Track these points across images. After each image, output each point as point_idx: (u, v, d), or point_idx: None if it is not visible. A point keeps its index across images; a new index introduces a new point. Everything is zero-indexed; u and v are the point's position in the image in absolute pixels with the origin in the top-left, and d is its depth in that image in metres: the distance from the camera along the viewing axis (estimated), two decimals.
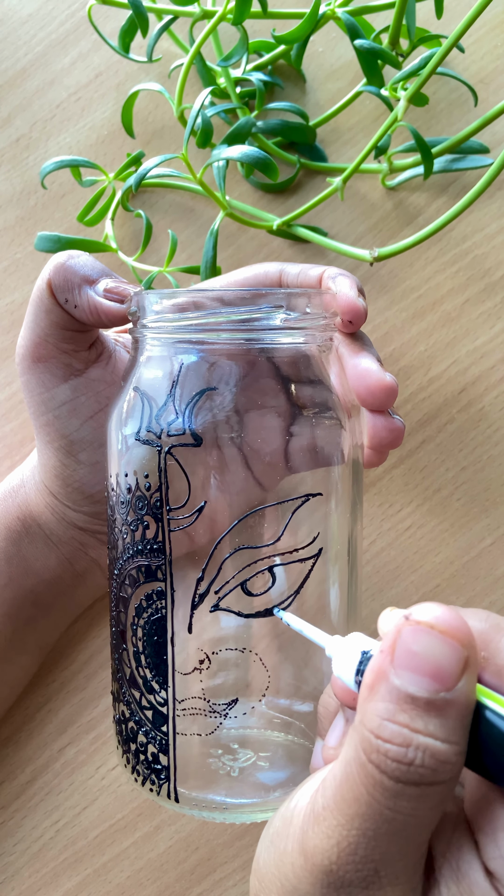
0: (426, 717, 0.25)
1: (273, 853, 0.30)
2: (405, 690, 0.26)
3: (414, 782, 0.25)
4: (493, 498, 0.55)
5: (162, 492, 0.37)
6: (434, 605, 0.27)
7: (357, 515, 0.41)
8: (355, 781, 0.26)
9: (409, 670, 0.26)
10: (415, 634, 0.26)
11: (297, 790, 0.31)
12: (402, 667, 0.26)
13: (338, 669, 0.31)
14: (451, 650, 0.26)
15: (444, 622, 0.26)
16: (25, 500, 0.49)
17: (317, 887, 0.28)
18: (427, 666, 0.26)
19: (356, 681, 0.30)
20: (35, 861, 0.54)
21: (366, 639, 0.31)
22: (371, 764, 0.26)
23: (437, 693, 0.25)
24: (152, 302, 0.38)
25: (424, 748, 0.25)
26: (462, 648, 0.26)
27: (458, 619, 0.26)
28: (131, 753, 0.39)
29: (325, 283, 0.43)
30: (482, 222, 0.55)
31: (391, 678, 0.26)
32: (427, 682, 0.25)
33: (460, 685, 0.25)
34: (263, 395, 0.39)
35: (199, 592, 0.37)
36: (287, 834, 0.30)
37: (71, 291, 0.43)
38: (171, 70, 0.57)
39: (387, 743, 0.25)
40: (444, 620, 0.26)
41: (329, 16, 0.51)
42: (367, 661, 0.30)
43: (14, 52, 0.58)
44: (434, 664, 0.26)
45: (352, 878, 0.27)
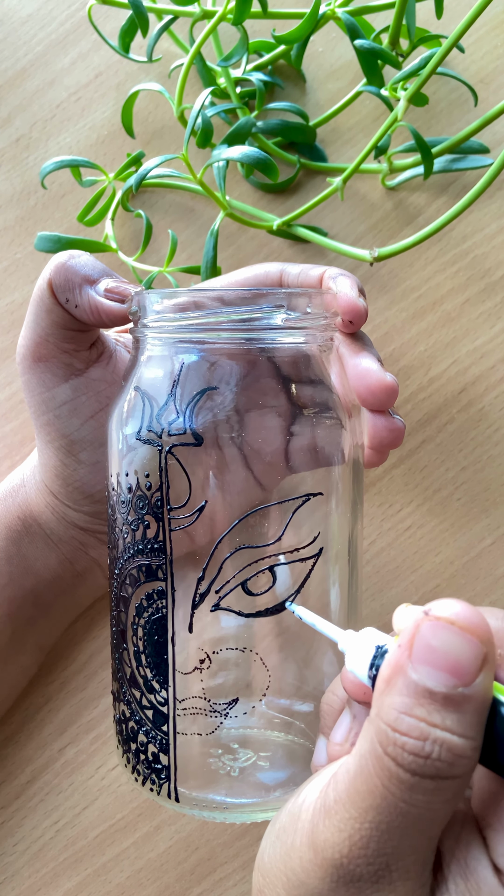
0: (444, 711, 0.26)
1: (279, 848, 0.30)
2: (423, 685, 0.26)
3: (430, 775, 0.25)
4: (493, 498, 0.55)
5: (163, 491, 0.37)
6: (453, 602, 0.27)
7: (357, 515, 0.41)
8: (370, 774, 0.26)
9: (427, 665, 0.26)
10: (434, 630, 0.26)
11: (304, 786, 0.31)
12: (420, 661, 0.26)
13: (351, 664, 0.31)
14: (470, 646, 0.26)
15: (464, 618, 0.26)
16: (26, 500, 0.49)
17: (326, 882, 0.28)
18: (446, 661, 0.26)
19: (369, 675, 0.30)
20: (35, 861, 0.54)
21: (379, 634, 0.31)
22: (387, 756, 0.26)
23: (455, 688, 0.26)
24: (153, 301, 0.38)
25: (441, 742, 0.25)
26: (481, 645, 0.26)
27: (478, 615, 0.27)
28: (131, 753, 0.39)
29: (326, 282, 0.43)
30: (482, 222, 0.55)
31: (409, 673, 0.26)
32: (445, 676, 0.26)
33: (478, 681, 0.26)
34: (264, 395, 0.39)
35: (200, 592, 0.37)
36: (295, 829, 0.30)
37: (72, 291, 0.43)
38: (171, 70, 0.57)
39: (404, 736, 0.26)
40: (464, 616, 0.26)
41: (329, 16, 0.51)
42: (382, 655, 0.30)
43: (14, 52, 0.58)
44: (453, 659, 0.26)
45: (362, 873, 0.27)
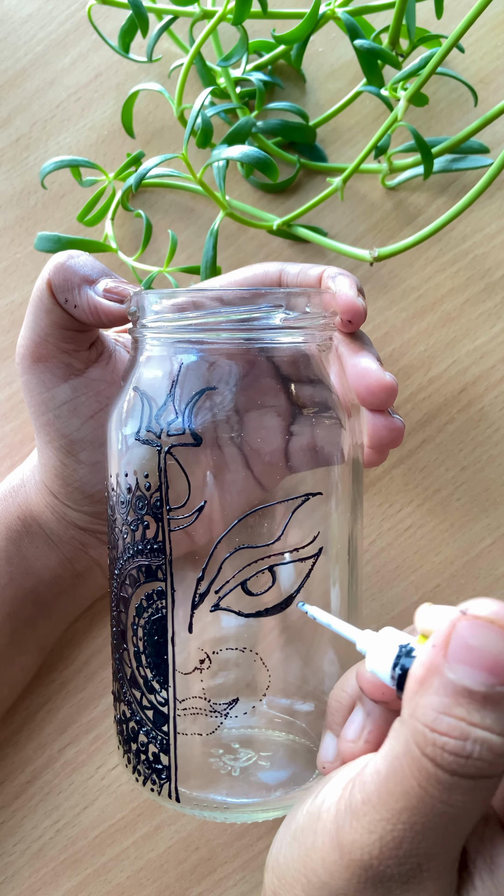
0: (483, 710, 0.26)
1: (298, 849, 0.30)
2: (461, 684, 0.26)
3: (470, 775, 0.25)
4: (493, 498, 0.55)
5: (162, 491, 0.37)
6: (490, 601, 0.27)
7: (357, 515, 0.41)
8: (405, 775, 0.26)
9: (465, 664, 0.26)
10: (472, 629, 0.26)
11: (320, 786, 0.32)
12: (457, 661, 0.26)
13: (371, 664, 0.31)
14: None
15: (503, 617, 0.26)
16: (26, 500, 0.49)
17: (352, 882, 0.28)
18: (484, 660, 0.26)
19: (392, 675, 0.30)
20: (35, 861, 0.54)
21: (399, 633, 0.31)
22: (426, 757, 0.26)
23: (494, 687, 0.25)
24: (152, 302, 0.38)
25: (482, 741, 0.25)
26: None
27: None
28: (132, 753, 0.39)
29: (325, 282, 0.43)
30: (482, 222, 0.55)
31: (445, 672, 0.26)
32: (484, 675, 0.26)
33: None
34: (263, 395, 0.39)
35: (200, 592, 0.37)
36: (315, 830, 0.30)
37: (71, 291, 0.43)
38: (171, 70, 0.57)
39: (444, 736, 0.26)
40: (502, 615, 0.26)
41: (329, 16, 0.51)
42: (406, 655, 0.30)
43: (14, 52, 0.58)
44: (492, 658, 0.26)
45: (392, 874, 0.27)
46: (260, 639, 0.40)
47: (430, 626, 0.29)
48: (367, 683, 0.32)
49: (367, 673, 0.32)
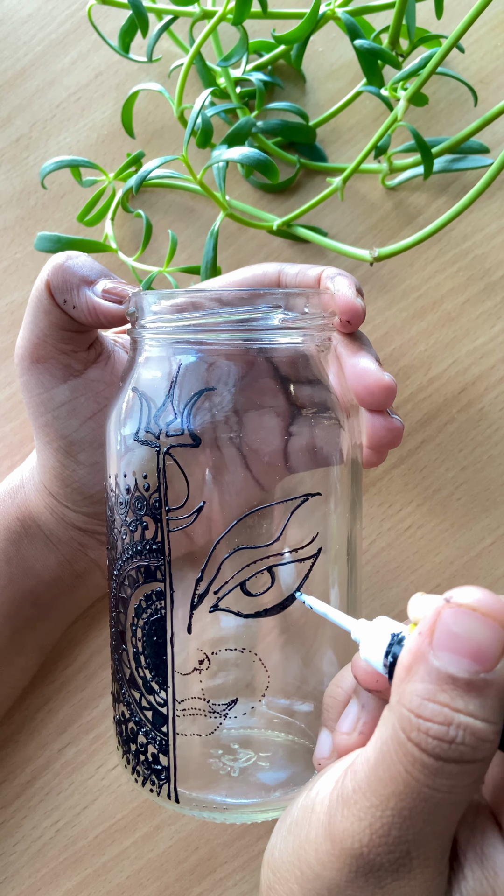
0: (466, 696, 0.26)
1: (292, 842, 0.31)
2: (445, 671, 0.26)
3: (454, 759, 0.26)
4: (493, 498, 0.55)
5: (161, 492, 0.37)
6: (474, 589, 0.27)
7: (356, 515, 0.41)
8: (392, 761, 0.27)
9: (449, 651, 0.26)
10: (456, 616, 0.27)
11: (315, 780, 0.32)
12: (441, 648, 0.27)
13: (365, 652, 0.31)
14: (492, 632, 0.26)
15: (486, 605, 0.27)
16: (25, 501, 0.49)
17: (343, 872, 0.28)
18: (468, 647, 0.26)
19: (385, 663, 0.30)
20: (35, 861, 0.54)
21: (393, 622, 0.32)
22: (411, 742, 0.26)
23: (478, 674, 0.26)
24: (150, 302, 0.38)
25: (465, 727, 0.26)
26: (503, 630, 0.26)
27: (499, 601, 0.27)
28: (131, 754, 0.39)
29: (324, 282, 0.43)
30: (482, 222, 0.55)
31: (430, 659, 0.27)
32: (468, 662, 0.26)
33: (500, 666, 0.26)
34: (262, 395, 0.39)
35: (199, 593, 0.37)
36: (309, 822, 0.30)
37: (69, 292, 0.43)
38: (171, 70, 0.57)
39: (428, 722, 0.26)
40: (485, 603, 0.27)
41: (329, 16, 0.51)
42: (398, 643, 0.30)
43: (14, 52, 0.58)
44: (475, 645, 0.26)
45: (382, 862, 0.28)
46: (259, 639, 0.40)
47: (420, 615, 0.29)
48: (361, 672, 0.32)
49: (362, 661, 0.32)
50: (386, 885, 0.28)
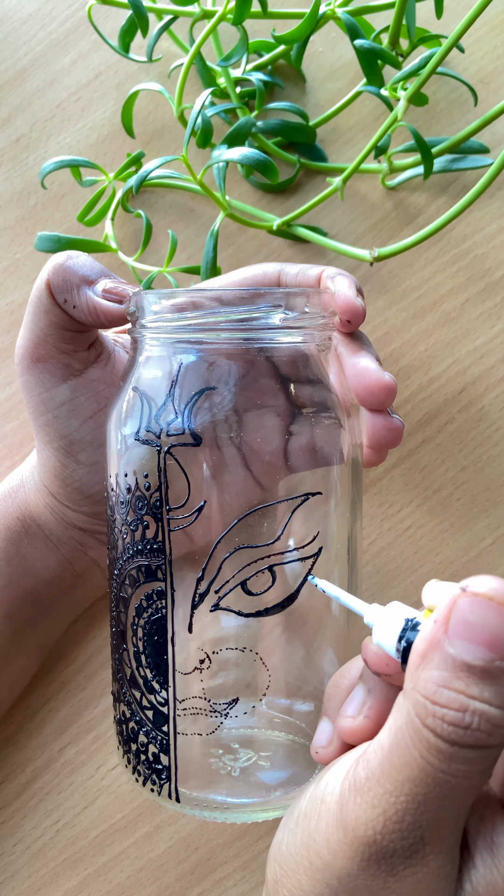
0: (482, 684, 0.26)
1: (300, 834, 0.31)
2: (461, 658, 0.27)
3: (470, 745, 0.26)
4: (493, 498, 0.55)
5: (161, 491, 0.37)
6: (490, 578, 0.27)
7: (357, 515, 0.41)
8: (408, 746, 0.27)
9: (464, 639, 0.27)
10: (472, 605, 0.27)
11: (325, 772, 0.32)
12: (457, 636, 0.27)
13: (378, 636, 0.31)
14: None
15: (502, 594, 0.27)
16: (25, 501, 0.49)
17: (355, 861, 0.29)
18: (483, 635, 0.26)
19: (398, 648, 0.30)
20: (35, 861, 0.54)
21: (406, 607, 0.32)
22: (426, 728, 0.27)
23: (493, 661, 0.26)
24: (151, 302, 0.38)
25: (481, 713, 0.26)
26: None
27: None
28: (132, 753, 0.39)
29: (324, 282, 0.43)
30: (482, 222, 0.55)
31: (446, 647, 0.27)
32: (483, 650, 0.26)
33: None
34: (262, 395, 0.39)
35: (200, 592, 0.37)
36: (319, 813, 0.30)
37: (70, 292, 0.43)
38: (171, 70, 0.57)
39: (444, 708, 0.26)
40: (502, 592, 0.27)
41: (329, 16, 0.51)
42: (413, 628, 0.30)
43: (14, 52, 0.58)
44: (490, 634, 0.26)
45: (396, 848, 0.28)
46: (260, 639, 0.40)
47: (435, 602, 0.29)
48: (372, 655, 0.32)
49: (373, 645, 0.32)
50: (398, 871, 0.28)
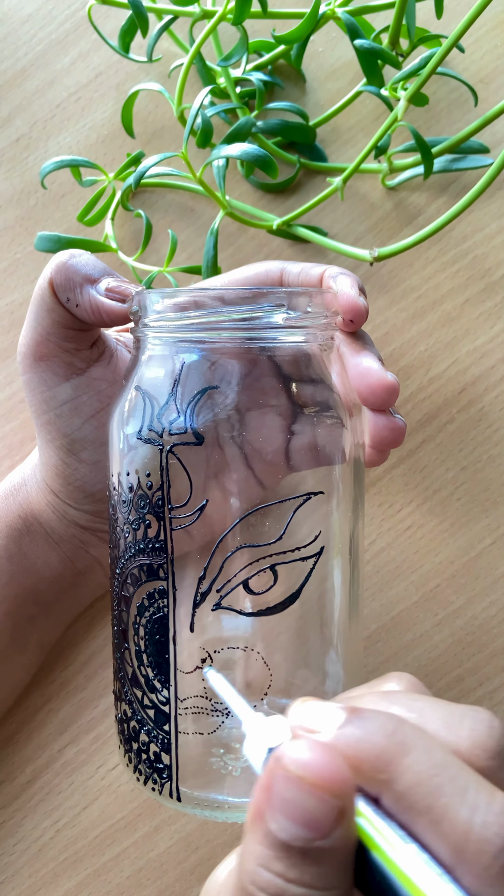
0: (302, 865, 0.24)
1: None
2: (280, 837, 0.24)
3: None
4: (493, 498, 0.55)
5: (164, 490, 0.37)
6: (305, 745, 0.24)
7: (359, 514, 0.41)
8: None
9: (283, 815, 0.24)
10: (285, 783, 0.24)
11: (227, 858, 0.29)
12: (276, 810, 0.24)
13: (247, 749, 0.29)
14: (321, 803, 0.24)
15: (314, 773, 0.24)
16: (27, 499, 0.49)
17: None
18: (300, 815, 0.24)
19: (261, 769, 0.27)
20: (35, 861, 0.54)
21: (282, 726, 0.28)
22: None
23: (312, 842, 0.23)
24: (153, 301, 0.38)
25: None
26: (333, 799, 0.24)
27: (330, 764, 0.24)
28: (133, 752, 0.39)
29: (327, 281, 0.43)
30: (482, 222, 0.56)
31: (267, 821, 0.24)
32: (301, 829, 0.23)
33: (337, 833, 0.24)
34: (265, 394, 0.39)
35: (201, 591, 0.37)
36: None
37: (72, 290, 0.43)
38: (171, 70, 0.57)
39: (262, 891, 0.24)
40: (313, 770, 0.24)
41: (329, 16, 0.51)
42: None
43: (14, 52, 0.58)
44: (307, 814, 0.23)
45: None
46: (261, 638, 0.40)
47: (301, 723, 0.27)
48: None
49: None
50: None
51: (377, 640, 0.55)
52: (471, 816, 0.23)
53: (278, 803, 0.24)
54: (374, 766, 0.24)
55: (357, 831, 0.24)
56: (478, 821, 0.23)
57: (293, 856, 0.24)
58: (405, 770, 0.24)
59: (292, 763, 0.24)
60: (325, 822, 0.23)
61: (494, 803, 0.23)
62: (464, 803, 0.23)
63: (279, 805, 0.24)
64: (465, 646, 0.54)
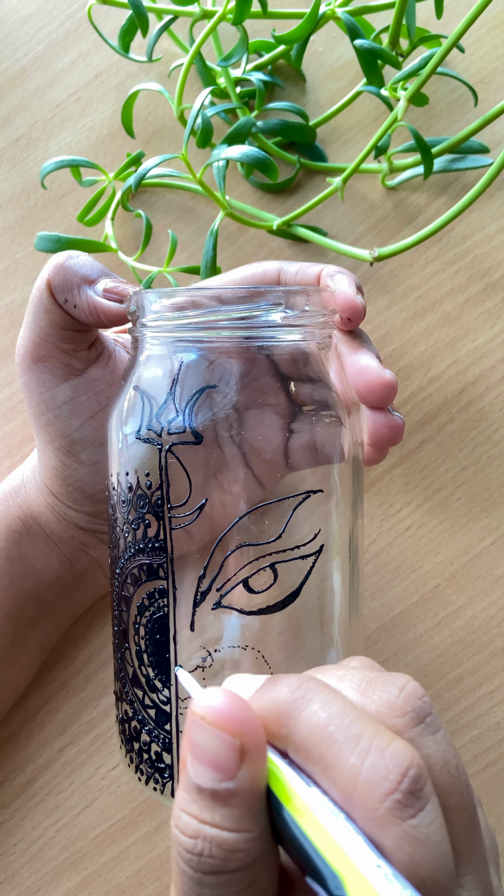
0: (213, 807, 0.25)
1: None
2: (194, 780, 0.26)
3: (206, 871, 0.25)
4: (493, 498, 0.55)
5: (163, 490, 0.37)
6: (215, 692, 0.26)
7: (358, 513, 0.41)
8: (173, 867, 0.27)
9: (196, 760, 0.26)
10: (193, 726, 0.26)
11: None
12: (192, 756, 0.26)
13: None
14: (221, 742, 0.25)
15: (214, 713, 0.26)
16: (26, 500, 0.49)
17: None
18: (207, 757, 0.26)
19: None
20: (35, 861, 0.54)
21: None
22: (175, 853, 0.26)
23: (220, 783, 0.25)
24: (151, 301, 0.38)
25: (211, 839, 0.25)
26: (233, 739, 0.25)
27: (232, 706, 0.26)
28: (134, 752, 0.39)
29: (324, 280, 0.43)
30: (482, 222, 0.55)
31: (187, 767, 0.26)
32: (210, 772, 0.25)
33: (241, 774, 0.25)
34: (263, 393, 0.39)
35: (201, 590, 0.37)
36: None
37: (70, 291, 0.43)
38: (171, 70, 0.57)
39: (181, 834, 0.26)
40: (214, 711, 0.26)
41: (329, 16, 0.51)
42: None
43: (14, 52, 0.58)
44: (212, 755, 0.25)
45: None
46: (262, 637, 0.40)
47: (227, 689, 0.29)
48: None
49: None
50: None
51: (377, 640, 0.55)
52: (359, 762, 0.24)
53: (191, 748, 0.26)
54: (276, 721, 0.26)
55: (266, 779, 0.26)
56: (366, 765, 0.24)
57: (205, 797, 0.25)
58: (303, 722, 0.26)
59: (199, 708, 0.26)
60: (228, 763, 0.25)
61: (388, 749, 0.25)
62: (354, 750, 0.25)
63: (192, 749, 0.26)
64: (465, 646, 0.54)
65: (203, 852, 0.25)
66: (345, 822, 0.24)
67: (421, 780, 0.24)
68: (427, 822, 0.24)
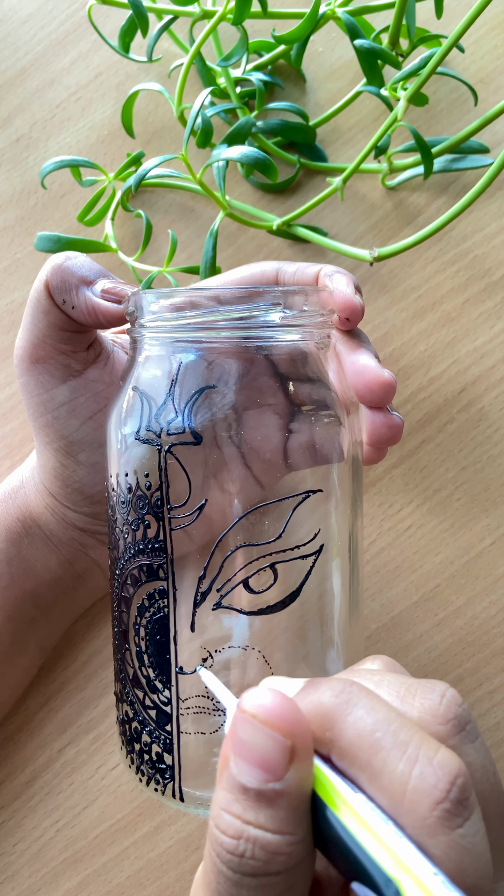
0: (257, 807, 0.25)
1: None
2: (239, 780, 0.25)
3: (248, 874, 0.25)
4: (493, 498, 0.55)
5: (162, 490, 0.37)
6: (264, 692, 0.26)
7: (357, 512, 0.41)
8: (208, 868, 0.26)
9: (242, 759, 0.26)
10: (243, 724, 0.26)
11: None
12: (237, 755, 0.26)
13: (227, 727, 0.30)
14: (272, 741, 0.25)
15: (266, 711, 0.26)
16: (25, 502, 0.49)
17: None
18: (255, 756, 0.25)
19: None
20: (35, 861, 0.54)
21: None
22: (213, 853, 0.26)
23: (267, 783, 0.25)
24: (149, 302, 0.38)
25: (255, 840, 0.25)
26: (284, 739, 0.25)
27: (284, 706, 0.26)
28: (135, 753, 0.39)
29: (322, 280, 0.43)
30: (482, 222, 0.55)
31: (230, 766, 0.26)
32: (256, 772, 0.25)
33: (289, 775, 0.25)
34: (262, 393, 0.38)
35: (201, 591, 0.37)
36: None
37: (68, 292, 0.43)
38: (171, 70, 0.57)
39: (222, 834, 0.25)
40: (266, 710, 0.26)
41: (329, 16, 0.51)
42: None
43: (14, 52, 0.58)
44: (260, 755, 0.25)
45: None
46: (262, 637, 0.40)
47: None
48: None
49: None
50: None
51: (377, 640, 0.55)
52: (408, 769, 0.24)
53: (237, 746, 0.26)
54: (320, 725, 0.26)
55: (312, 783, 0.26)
56: (415, 773, 0.24)
57: (250, 798, 0.25)
58: (348, 727, 0.26)
59: (249, 705, 0.26)
60: (277, 763, 0.25)
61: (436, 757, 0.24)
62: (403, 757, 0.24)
63: (238, 748, 0.26)
64: (465, 646, 0.54)
65: (245, 853, 0.25)
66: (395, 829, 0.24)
67: (467, 789, 0.24)
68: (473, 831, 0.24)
